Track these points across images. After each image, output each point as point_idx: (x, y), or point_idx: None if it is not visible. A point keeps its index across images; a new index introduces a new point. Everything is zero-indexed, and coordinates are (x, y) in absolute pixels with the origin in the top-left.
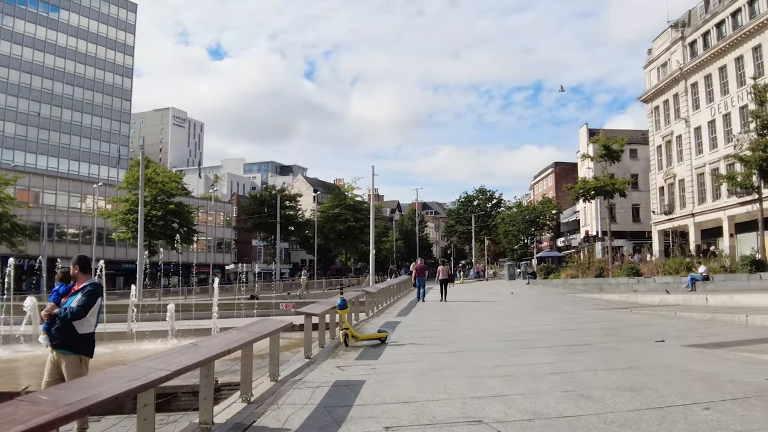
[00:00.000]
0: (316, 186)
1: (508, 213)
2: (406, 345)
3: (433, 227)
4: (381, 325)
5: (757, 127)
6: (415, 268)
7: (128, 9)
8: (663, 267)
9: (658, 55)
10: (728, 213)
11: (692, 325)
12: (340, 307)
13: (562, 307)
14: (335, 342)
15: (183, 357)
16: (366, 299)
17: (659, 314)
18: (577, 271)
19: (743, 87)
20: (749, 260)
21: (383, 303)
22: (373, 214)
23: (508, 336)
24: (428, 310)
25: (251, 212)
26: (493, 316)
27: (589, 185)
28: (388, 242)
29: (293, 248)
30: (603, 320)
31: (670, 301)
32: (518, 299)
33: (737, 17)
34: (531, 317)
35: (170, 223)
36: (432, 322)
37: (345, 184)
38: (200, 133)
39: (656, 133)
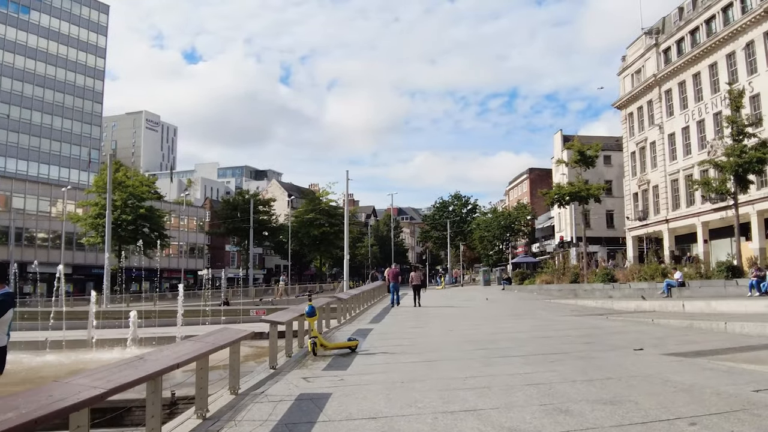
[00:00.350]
0: (290, 191)
1: (483, 219)
2: (377, 354)
3: (409, 233)
4: (353, 332)
5: (733, 132)
6: (389, 273)
7: (100, 10)
8: (638, 273)
9: (632, 62)
10: (702, 219)
11: (670, 333)
12: (309, 315)
13: (537, 313)
14: (303, 351)
15: (124, 373)
16: (338, 306)
17: (636, 321)
18: (552, 277)
19: (717, 94)
20: (725, 266)
21: (356, 309)
22: (348, 219)
23: (483, 343)
24: (402, 316)
25: (224, 217)
26: (467, 323)
27: (564, 191)
28: (363, 248)
29: (267, 254)
30: (579, 327)
31: (647, 307)
32: (493, 305)
33: (711, 24)
34: (506, 324)
35: (141, 227)
36: (405, 329)
37: (320, 189)
38: (173, 137)
39: (630, 139)
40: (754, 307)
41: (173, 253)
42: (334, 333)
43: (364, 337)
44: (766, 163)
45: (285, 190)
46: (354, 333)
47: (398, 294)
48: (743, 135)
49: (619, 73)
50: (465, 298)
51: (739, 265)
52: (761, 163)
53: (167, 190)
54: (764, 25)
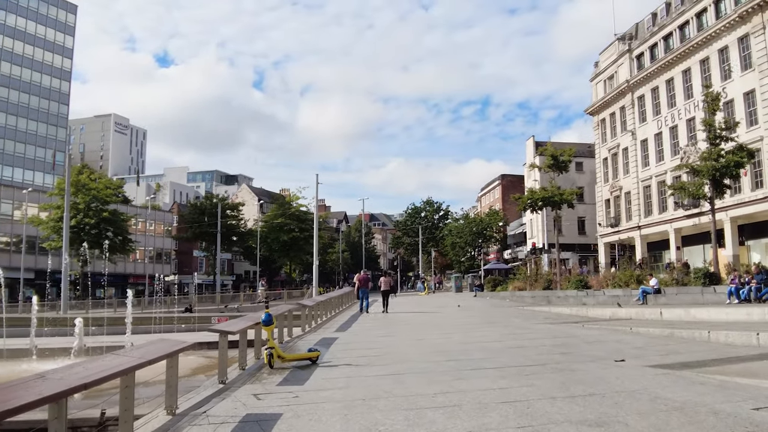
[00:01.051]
0: (261, 196)
1: (455, 225)
2: (339, 366)
3: (381, 239)
4: (317, 341)
5: (710, 136)
6: (358, 279)
7: (68, 10)
8: (612, 280)
9: (604, 67)
10: (675, 225)
11: (651, 342)
12: (265, 323)
13: (510, 320)
14: (259, 363)
15: (18, 393)
16: (302, 313)
17: (614, 329)
18: (524, 284)
19: (691, 99)
20: (702, 273)
21: (323, 316)
22: (317, 224)
23: (454, 354)
24: (370, 323)
25: (191, 221)
26: (437, 331)
27: (537, 196)
28: (334, 253)
29: (237, 259)
30: (555, 336)
31: (623, 315)
32: (465, 312)
33: (685, 30)
34: (478, 332)
35: (104, 231)
36: (372, 337)
37: (291, 193)
38: (143, 141)
39: (602, 145)
40: (736, 315)
41: (140, 259)
42: (296, 342)
43: (327, 347)
44: (742, 167)
45: (255, 195)
46: (317, 342)
47: (368, 300)
48: (720, 139)
49: (591, 79)
50: (436, 305)
51: (716, 272)
52: (738, 167)
53: (136, 195)
54: (738, 31)
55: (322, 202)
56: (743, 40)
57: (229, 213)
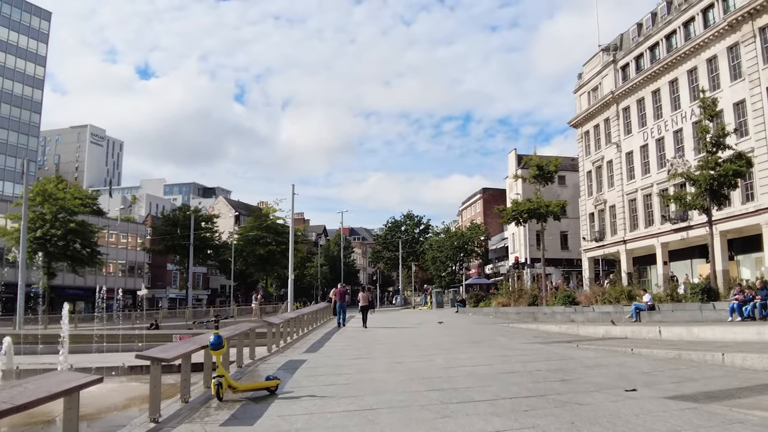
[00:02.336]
0: (238, 208)
1: (435, 239)
2: (301, 398)
3: (361, 253)
4: (281, 365)
5: (707, 143)
6: (335, 293)
7: (41, 17)
8: (602, 295)
9: (588, 79)
10: (662, 240)
11: (658, 366)
12: (213, 347)
13: (497, 339)
14: (207, 394)
15: None
16: (268, 331)
17: (613, 350)
18: (509, 299)
19: (678, 111)
20: (700, 288)
21: (294, 334)
22: (293, 236)
23: (436, 382)
24: (344, 343)
25: (163, 233)
26: (417, 352)
27: (522, 207)
28: (312, 268)
29: (212, 273)
30: (549, 358)
31: (617, 333)
32: (447, 330)
33: (672, 40)
34: (463, 353)
35: (71, 243)
36: (344, 360)
37: (268, 205)
38: (119, 152)
39: (586, 158)
40: (745, 335)
41: (112, 272)
42: (258, 366)
43: (292, 373)
44: (741, 176)
45: (232, 208)
46: (283, 366)
47: (345, 314)
48: (717, 146)
49: (575, 90)
50: (416, 321)
51: (714, 288)
52: (737, 176)
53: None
54: (728, 40)
55: (300, 216)
56: (733, 49)
57: (204, 225)
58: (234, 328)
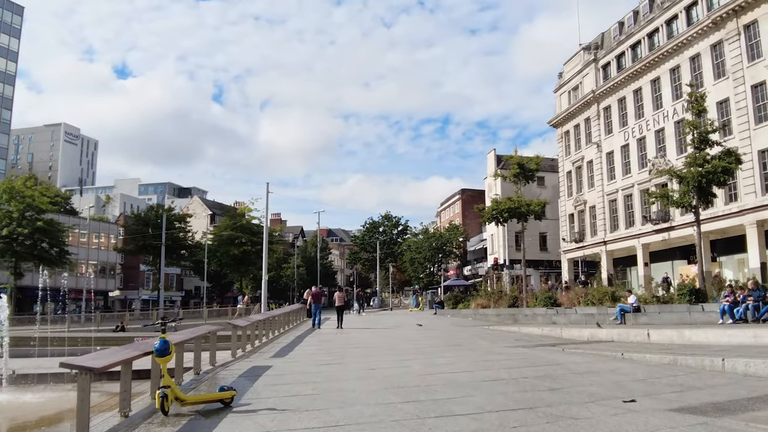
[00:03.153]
0: (213, 208)
1: (414, 240)
2: (258, 412)
3: (338, 254)
4: (245, 370)
5: (695, 139)
6: (311, 294)
7: (13, 12)
8: (585, 297)
9: (569, 78)
10: (643, 241)
11: (654, 373)
12: (158, 354)
13: (477, 342)
14: (152, 407)
15: None
16: (233, 335)
17: (601, 355)
18: (488, 301)
19: (660, 110)
20: (688, 290)
21: (264, 337)
22: (267, 236)
23: (413, 392)
24: (316, 346)
25: (135, 233)
26: (393, 357)
27: (502, 206)
28: (288, 269)
29: (186, 274)
30: (534, 364)
31: (603, 336)
32: (425, 332)
33: (654, 38)
34: (442, 358)
35: (39, 242)
36: (313, 366)
37: (243, 205)
38: (94, 151)
39: (566, 158)
40: (741, 338)
41: (83, 273)
42: (218, 372)
43: (253, 381)
44: (731, 173)
45: (207, 208)
46: (246, 372)
47: (320, 315)
48: (705, 143)
49: (555, 90)
50: (394, 323)
51: (702, 289)
52: (726, 173)
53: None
54: (711, 38)
55: (277, 217)
56: (716, 47)
57: (176, 225)
58: (190, 332)
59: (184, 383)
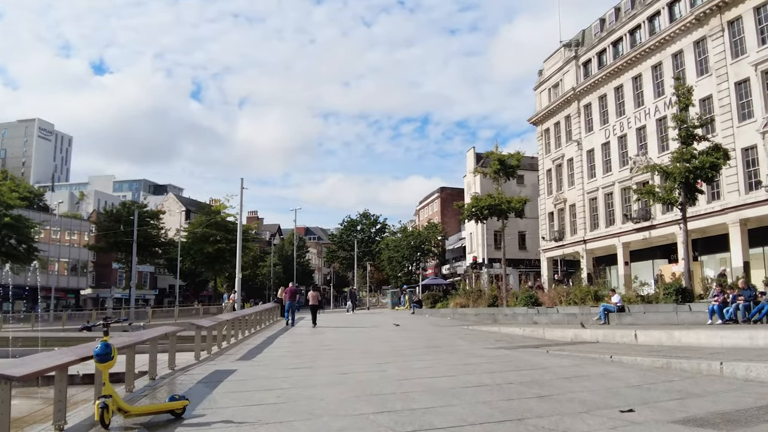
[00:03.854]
0: (188, 206)
1: (392, 238)
2: (212, 425)
3: (316, 253)
4: (206, 375)
5: (681, 134)
6: (285, 292)
7: None
8: (567, 296)
9: (549, 75)
10: (623, 240)
11: (648, 378)
12: (99, 359)
13: (457, 344)
14: (92, 419)
15: None
16: (196, 336)
17: (589, 358)
18: (467, 300)
19: (641, 107)
20: (674, 289)
21: (233, 338)
22: (241, 232)
23: (388, 400)
24: (287, 347)
25: (106, 229)
26: (368, 360)
27: (482, 203)
28: (265, 267)
29: (160, 272)
30: (519, 367)
31: (587, 337)
32: (403, 333)
33: (636, 34)
34: (420, 361)
35: (6, 239)
36: (281, 370)
37: (219, 202)
38: (68, 147)
39: (546, 156)
40: (734, 340)
41: (54, 270)
42: (177, 378)
43: (213, 388)
44: (718, 169)
45: (182, 205)
46: (203, 379)
47: (294, 314)
48: (693, 138)
49: (535, 87)
50: (371, 323)
51: (689, 288)
52: (714, 169)
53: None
54: (695, 34)
55: (254, 214)
56: (699, 43)
57: (149, 222)
58: (143, 333)
59: (137, 390)
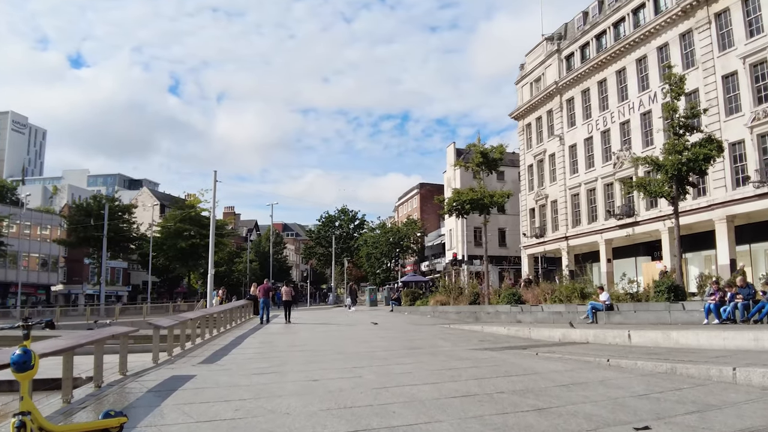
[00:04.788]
0: (162, 200)
1: (370, 234)
2: None
3: (294, 249)
4: (159, 382)
5: (673, 124)
6: (259, 289)
7: None
8: (552, 294)
9: (531, 69)
10: (606, 237)
11: (654, 386)
12: (16, 368)
13: (439, 344)
14: None
15: None
16: (154, 336)
17: (583, 360)
18: (447, 298)
19: (625, 101)
20: (666, 286)
21: (199, 338)
22: (213, 226)
23: (363, 414)
24: (256, 348)
25: (76, 223)
26: (342, 363)
27: (464, 197)
28: (241, 263)
29: (133, 268)
30: (508, 372)
31: (576, 337)
32: (381, 332)
33: (620, 27)
34: (400, 365)
35: None
36: (245, 376)
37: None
38: (42, 141)
39: (527, 151)
40: (737, 341)
41: (25, 266)
42: (127, 385)
43: (163, 398)
44: (712, 161)
45: (157, 200)
46: (155, 387)
47: (269, 310)
48: (685, 128)
49: (517, 81)
50: (348, 321)
51: (681, 286)
52: (707, 161)
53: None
54: (680, 27)
55: (231, 210)
56: (685, 36)
57: (120, 216)
58: (89, 334)
59: (76, 400)
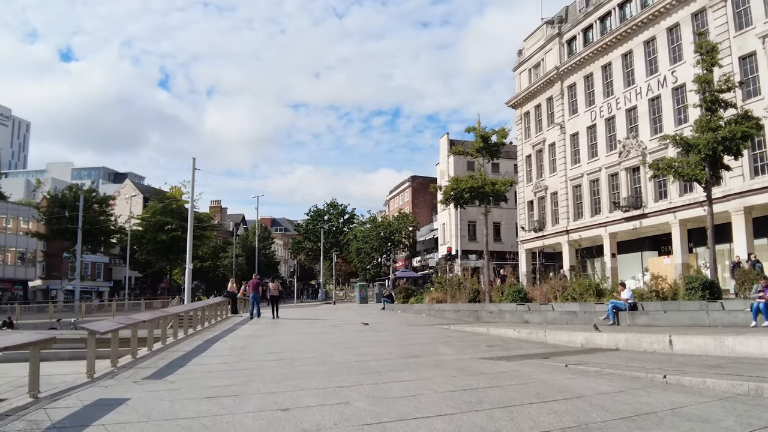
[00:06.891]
0: (146, 193)
1: (360, 229)
2: None
3: (283, 245)
4: (78, 409)
5: (706, 99)
6: (249, 284)
7: None
8: (563, 291)
9: (530, 55)
10: (610, 230)
11: (745, 414)
12: None
13: (442, 352)
14: None
15: None
16: (89, 344)
17: (629, 377)
18: (444, 295)
19: (632, 86)
20: (700, 283)
21: (161, 342)
22: (192, 217)
23: None
24: (224, 356)
25: (50, 216)
26: (323, 380)
27: (463, 185)
28: (226, 258)
29: (115, 263)
30: (542, 396)
31: (603, 342)
32: (373, 335)
33: (626, 8)
34: (398, 384)
35: None
36: (193, 401)
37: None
38: (26, 134)
39: (526, 141)
40: None
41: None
42: (25, 416)
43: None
44: (749, 139)
45: (140, 192)
46: (63, 420)
47: (258, 306)
48: (718, 104)
49: (515, 68)
50: (336, 321)
51: (715, 282)
52: (746, 139)
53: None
54: (692, 5)
55: (217, 204)
56: (698, 15)
57: (97, 208)
58: None
59: None
